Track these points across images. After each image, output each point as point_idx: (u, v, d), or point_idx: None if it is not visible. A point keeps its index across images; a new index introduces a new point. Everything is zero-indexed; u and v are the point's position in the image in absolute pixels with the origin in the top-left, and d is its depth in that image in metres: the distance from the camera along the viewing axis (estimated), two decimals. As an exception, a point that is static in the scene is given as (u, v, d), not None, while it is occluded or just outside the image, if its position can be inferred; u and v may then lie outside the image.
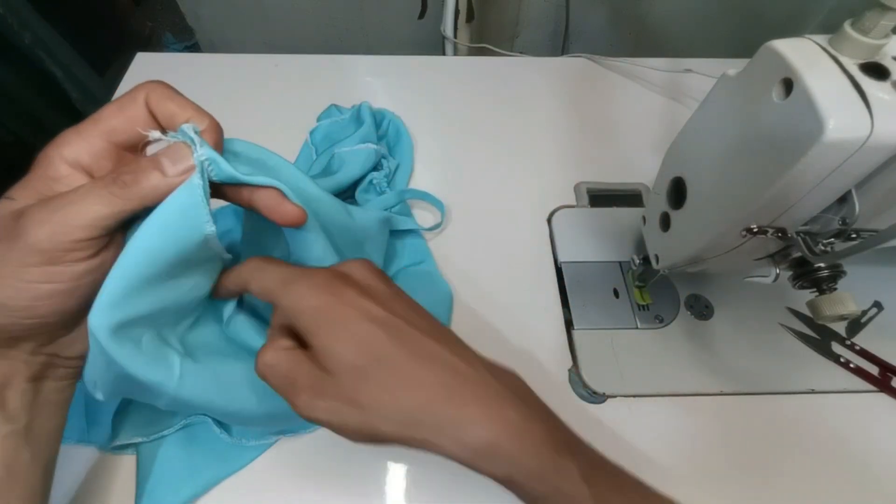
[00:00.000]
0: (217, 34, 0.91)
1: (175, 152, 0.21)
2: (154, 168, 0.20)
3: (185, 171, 0.21)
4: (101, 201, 0.20)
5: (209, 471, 0.31)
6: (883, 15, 0.20)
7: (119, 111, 0.21)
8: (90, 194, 0.20)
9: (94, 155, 0.21)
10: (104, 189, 0.20)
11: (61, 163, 0.20)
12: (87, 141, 0.21)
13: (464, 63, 0.58)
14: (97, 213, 0.20)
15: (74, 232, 0.19)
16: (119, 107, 0.21)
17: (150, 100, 0.21)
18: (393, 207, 0.42)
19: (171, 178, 0.20)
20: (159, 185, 0.20)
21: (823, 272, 0.26)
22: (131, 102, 0.21)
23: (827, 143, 0.19)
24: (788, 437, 0.34)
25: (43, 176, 0.20)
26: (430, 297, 0.38)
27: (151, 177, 0.20)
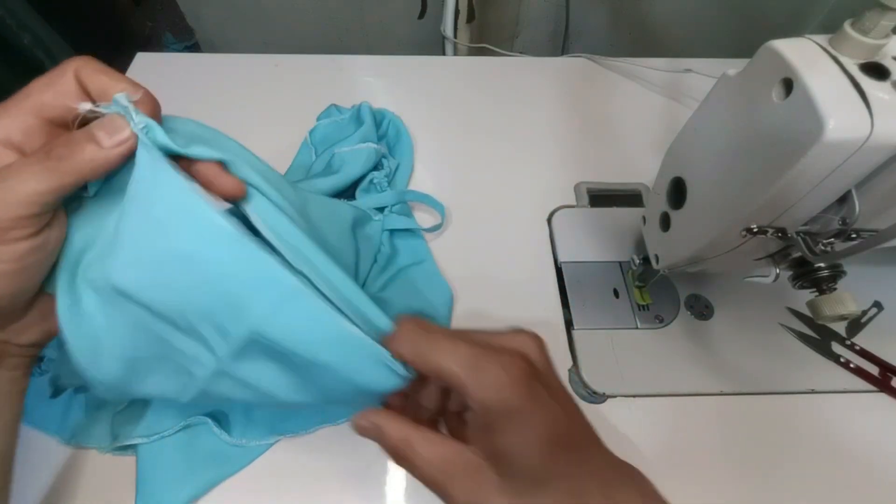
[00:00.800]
0: (217, 34, 0.91)
1: (109, 123, 0.20)
2: (88, 140, 0.20)
3: (121, 142, 0.20)
4: (37, 177, 0.19)
5: (209, 471, 0.31)
6: (883, 15, 0.20)
7: (47, 86, 0.20)
8: (24, 170, 0.19)
9: (25, 132, 0.20)
10: (38, 164, 0.19)
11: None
12: (16, 118, 0.20)
13: (464, 63, 0.58)
14: (34, 188, 0.19)
15: (12, 209, 0.19)
16: (47, 81, 0.20)
17: (81, 74, 0.20)
18: (393, 207, 0.42)
19: (108, 150, 0.20)
20: (96, 158, 0.20)
21: (823, 272, 0.26)
22: (60, 76, 0.20)
23: (827, 143, 0.19)
24: (788, 437, 0.34)
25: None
26: (430, 297, 0.38)
27: (86, 149, 0.19)
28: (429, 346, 0.22)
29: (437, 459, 0.22)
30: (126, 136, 0.20)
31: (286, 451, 0.33)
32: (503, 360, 0.21)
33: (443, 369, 0.21)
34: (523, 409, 0.21)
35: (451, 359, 0.21)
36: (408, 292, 0.38)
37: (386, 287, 0.38)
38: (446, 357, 0.21)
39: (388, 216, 0.41)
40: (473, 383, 0.21)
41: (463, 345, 0.22)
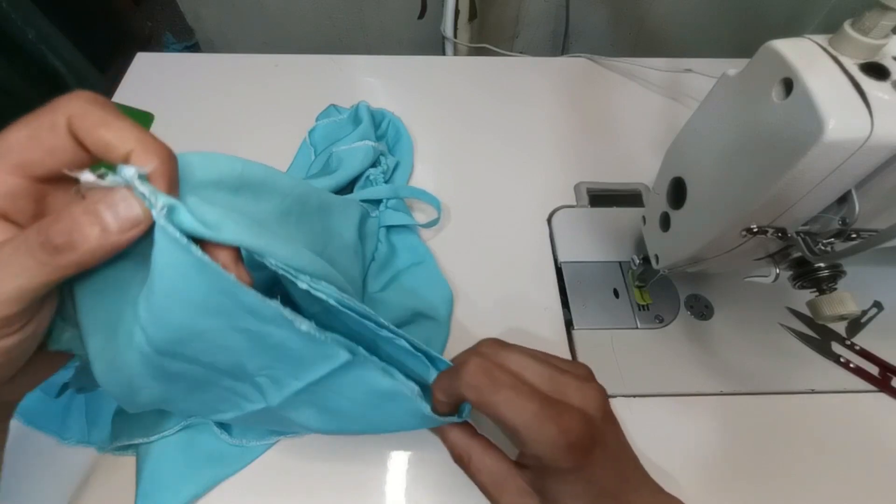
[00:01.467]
0: (217, 34, 0.91)
1: (118, 201, 0.16)
2: (92, 224, 0.16)
3: (133, 226, 0.16)
4: (28, 271, 0.16)
5: (209, 471, 0.31)
6: (883, 15, 0.20)
7: (33, 141, 0.16)
8: (13, 262, 0.16)
9: (8, 195, 0.17)
10: (30, 257, 0.16)
11: None
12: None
13: (464, 63, 0.58)
14: (24, 286, 0.16)
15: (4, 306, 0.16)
16: (31, 135, 0.16)
17: (76, 127, 0.16)
18: (388, 203, 0.41)
19: (115, 237, 0.16)
20: (102, 245, 0.16)
21: (823, 272, 0.26)
22: (49, 131, 0.16)
23: (827, 143, 0.19)
24: (788, 437, 0.34)
25: None
26: (430, 297, 0.38)
27: (89, 236, 0.16)
28: (493, 395, 0.22)
29: (493, 473, 0.24)
30: (139, 218, 0.16)
31: (285, 451, 0.33)
32: (563, 422, 0.22)
33: (505, 420, 0.22)
34: (575, 471, 0.22)
35: (514, 414, 0.22)
36: (408, 292, 0.38)
37: (387, 287, 0.38)
38: (509, 409, 0.22)
39: (385, 212, 0.41)
40: (533, 440, 0.22)
41: (525, 399, 0.22)
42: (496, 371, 0.23)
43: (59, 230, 0.16)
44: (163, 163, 0.17)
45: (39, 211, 0.18)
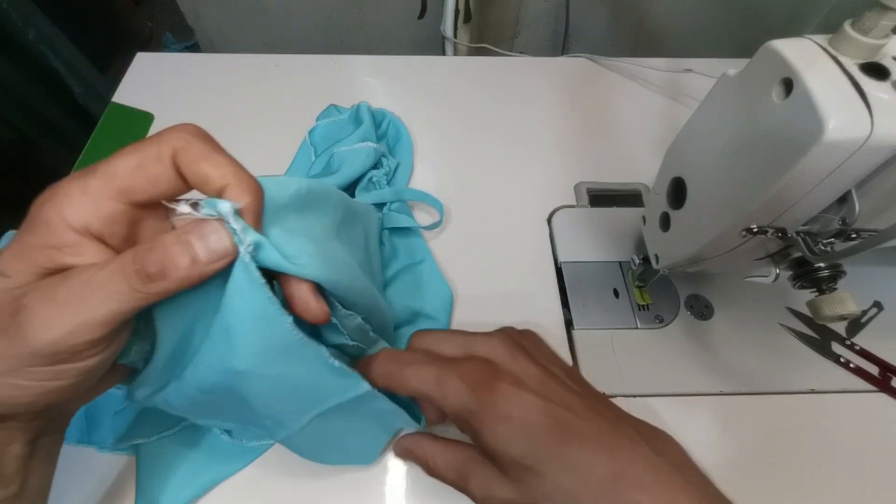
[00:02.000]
0: (217, 34, 0.91)
1: (208, 233, 0.17)
2: (184, 253, 0.17)
3: (221, 258, 0.17)
4: (121, 296, 0.16)
5: (210, 471, 0.31)
6: (883, 15, 0.20)
7: (139, 170, 0.17)
8: (106, 287, 0.16)
9: (106, 219, 0.17)
10: (124, 282, 0.16)
11: (65, 229, 0.17)
12: (98, 203, 0.17)
13: (464, 63, 0.58)
14: (115, 310, 0.16)
15: (87, 333, 0.16)
16: (139, 164, 0.17)
17: (179, 159, 0.17)
18: (392, 205, 0.41)
19: (202, 267, 0.17)
20: (190, 276, 0.17)
21: (823, 272, 0.26)
22: (156, 161, 0.17)
23: (827, 143, 0.19)
24: (788, 437, 0.34)
25: (42, 244, 0.17)
26: (430, 297, 0.38)
27: (180, 265, 0.17)
28: (400, 375, 0.24)
29: (453, 464, 0.25)
30: (227, 250, 0.17)
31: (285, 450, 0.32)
32: (461, 370, 0.23)
33: (416, 391, 0.24)
34: (488, 410, 0.22)
35: (419, 381, 0.24)
36: (408, 292, 0.38)
37: (387, 287, 0.38)
38: (414, 380, 0.24)
39: (388, 214, 0.41)
40: (441, 398, 0.23)
41: (427, 366, 0.24)
42: (402, 355, 0.25)
43: (153, 259, 0.17)
44: (254, 199, 0.18)
45: (131, 234, 0.18)
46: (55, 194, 0.17)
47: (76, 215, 0.17)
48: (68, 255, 0.17)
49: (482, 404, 0.22)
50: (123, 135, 0.48)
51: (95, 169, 0.17)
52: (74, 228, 0.17)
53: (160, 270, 0.17)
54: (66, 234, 0.17)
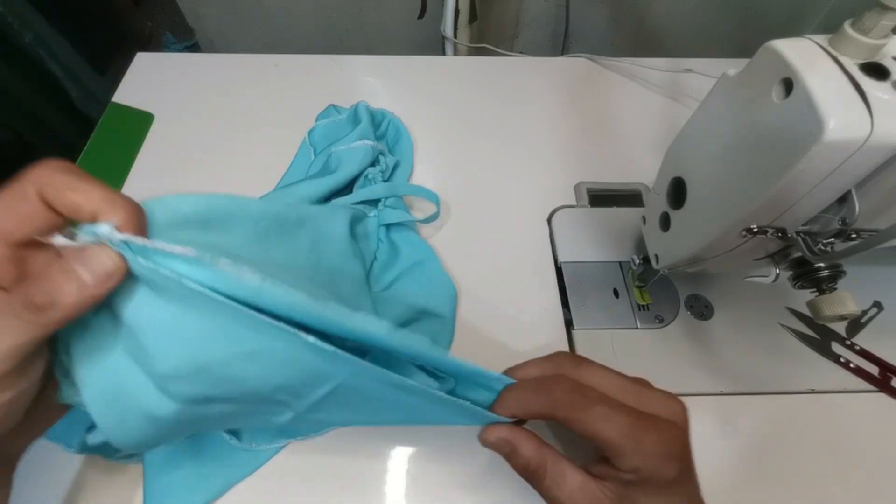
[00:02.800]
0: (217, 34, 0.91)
1: (90, 256, 0.17)
2: (69, 281, 0.17)
3: (107, 278, 0.17)
4: (15, 330, 0.17)
5: (219, 477, 0.31)
6: (883, 15, 0.20)
7: (8, 212, 0.17)
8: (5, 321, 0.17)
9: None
10: (15, 318, 0.17)
11: None
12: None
13: (464, 63, 0.58)
14: (11, 344, 0.17)
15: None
16: (6, 206, 0.17)
17: (45, 194, 0.17)
18: (387, 201, 0.41)
19: (92, 290, 0.17)
20: (81, 300, 0.17)
21: (823, 272, 0.26)
22: (21, 200, 0.17)
23: (827, 143, 0.19)
24: (788, 437, 0.34)
25: None
26: (434, 295, 0.38)
27: (68, 292, 0.17)
28: (587, 413, 0.23)
29: (570, 489, 0.23)
30: (112, 269, 0.17)
31: (286, 449, 0.32)
32: (661, 431, 0.22)
33: (600, 436, 0.22)
34: (675, 482, 0.22)
35: (609, 427, 0.22)
36: (412, 291, 0.38)
37: (391, 285, 0.38)
38: (605, 425, 0.22)
39: (383, 211, 0.41)
40: (633, 452, 0.22)
41: (621, 414, 0.22)
42: (584, 387, 0.23)
43: (39, 290, 0.17)
44: (128, 215, 0.18)
45: (21, 274, 0.18)
46: None
47: None
48: None
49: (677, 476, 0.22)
50: (123, 135, 0.48)
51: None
52: None
53: (48, 300, 0.17)
54: None
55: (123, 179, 0.44)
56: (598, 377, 0.24)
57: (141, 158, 0.46)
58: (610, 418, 0.22)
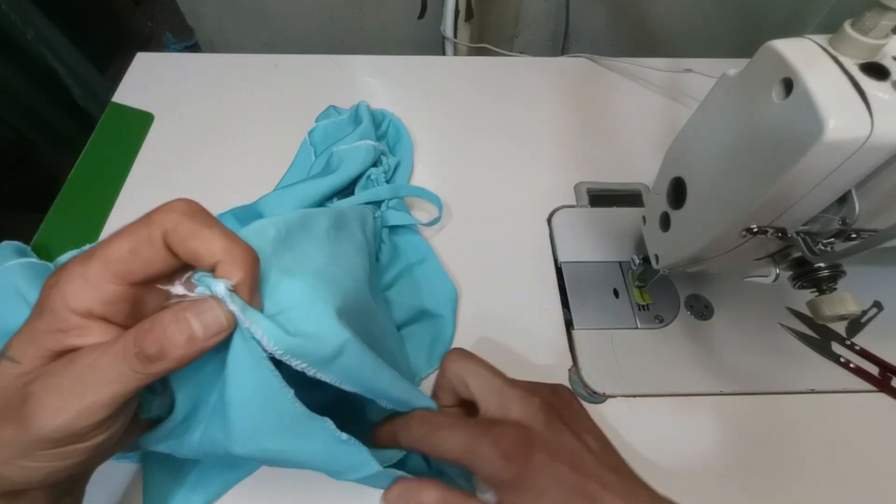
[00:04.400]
0: (217, 34, 0.91)
1: (203, 309, 0.18)
2: (182, 331, 0.17)
3: (217, 333, 0.18)
4: (122, 379, 0.17)
5: (220, 477, 0.31)
6: (883, 15, 0.20)
7: (132, 254, 0.18)
8: (108, 371, 0.17)
9: (106, 302, 0.18)
10: (125, 365, 0.17)
11: (70, 314, 0.18)
12: (98, 288, 0.18)
13: (464, 63, 0.58)
14: (117, 392, 0.17)
15: (91, 417, 0.17)
16: (132, 249, 0.18)
17: (170, 240, 0.18)
18: (390, 203, 0.41)
19: (200, 343, 0.18)
20: (188, 354, 0.18)
21: (823, 272, 0.26)
22: (147, 245, 0.18)
23: (827, 143, 0.19)
24: (788, 438, 0.34)
25: (49, 329, 0.18)
26: (434, 295, 0.38)
27: (178, 344, 0.17)
28: (432, 439, 0.24)
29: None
30: (223, 325, 0.18)
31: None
32: (495, 436, 0.23)
33: (448, 457, 0.23)
34: (517, 481, 0.22)
35: (452, 446, 0.23)
36: (412, 291, 0.38)
37: (391, 286, 0.38)
38: (447, 446, 0.23)
39: (386, 212, 0.41)
40: (473, 464, 0.23)
41: (460, 430, 0.23)
42: (433, 417, 0.25)
43: (151, 340, 0.17)
44: (247, 273, 0.18)
45: (135, 310, 0.19)
46: (59, 280, 0.18)
47: (78, 301, 0.18)
48: (75, 336, 0.18)
49: (516, 474, 0.22)
50: (123, 134, 0.48)
51: (93, 255, 0.18)
52: (78, 313, 0.18)
53: (159, 351, 0.17)
54: (70, 318, 0.18)
55: (123, 179, 0.44)
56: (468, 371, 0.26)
57: (141, 158, 0.46)
58: (449, 438, 0.23)
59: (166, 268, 0.19)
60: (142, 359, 0.17)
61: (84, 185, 0.45)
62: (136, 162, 0.46)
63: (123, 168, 0.45)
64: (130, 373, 0.17)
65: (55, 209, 0.43)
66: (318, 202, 0.40)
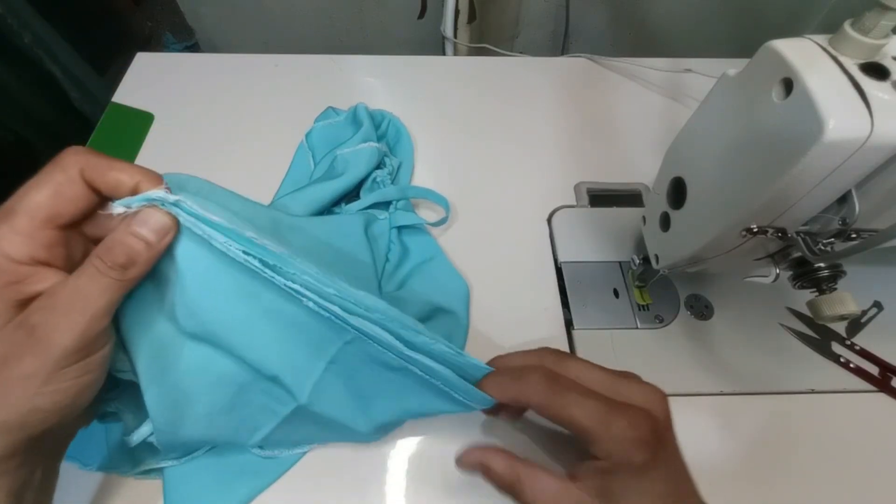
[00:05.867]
0: (217, 34, 0.91)
1: (150, 219, 0.20)
2: (138, 241, 0.20)
3: (165, 232, 0.21)
4: (110, 289, 0.20)
5: (242, 487, 0.30)
6: (883, 15, 0.20)
7: (57, 196, 0.20)
8: (97, 282, 0.20)
9: (46, 246, 0.20)
10: (105, 277, 0.20)
11: (16, 266, 0.20)
12: (34, 235, 0.20)
13: (464, 63, 0.58)
14: (109, 299, 0.20)
15: (98, 323, 0.20)
16: (55, 191, 0.20)
17: (89, 175, 0.20)
18: (398, 204, 0.41)
19: (156, 245, 0.21)
20: (150, 256, 0.21)
21: (823, 272, 0.26)
22: (67, 183, 0.20)
23: (827, 143, 0.19)
24: (788, 437, 0.34)
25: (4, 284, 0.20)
26: (447, 292, 0.38)
27: (139, 250, 0.20)
28: (560, 398, 0.24)
29: (548, 495, 0.24)
30: (169, 225, 0.21)
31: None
32: (631, 417, 0.23)
33: (574, 421, 0.23)
34: (645, 467, 0.22)
35: (582, 413, 0.23)
36: (425, 289, 0.38)
37: (403, 285, 0.38)
38: (577, 411, 0.23)
39: (394, 213, 0.41)
40: (603, 436, 0.22)
41: (592, 399, 0.23)
42: (559, 376, 0.24)
43: (118, 253, 0.20)
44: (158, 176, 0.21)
45: (69, 255, 0.21)
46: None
47: (19, 252, 0.20)
48: (31, 284, 0.20)
49: (646, 461, 0.22)
50: (123, 134, 0.48)
51: (13, 208, 0.20)
52: (24, 262, 0.20)
53: (128, 259, 0.20)
54: (19, 269, 0.20)
55: (123, 179, 0.44)
56: (577, 370, 0.25)
57: (141, 158, 0.46)
58: (581, 404, 0.23)
59: (88, 204, 0.21)
60: (117, 268, 0.20)
61: (84, 185, 0.45)
62: (136, 162, 0.46)
63: (123, 168, 0.45)
64: (114, 282, 0.20)
65: (55, 209, 0.43)
66: (326, 206, 0.40)
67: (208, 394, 0.26)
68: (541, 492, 0.24)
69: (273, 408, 0.27)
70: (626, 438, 0.22)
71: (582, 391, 0.24)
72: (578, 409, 0.23)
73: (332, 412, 0.27)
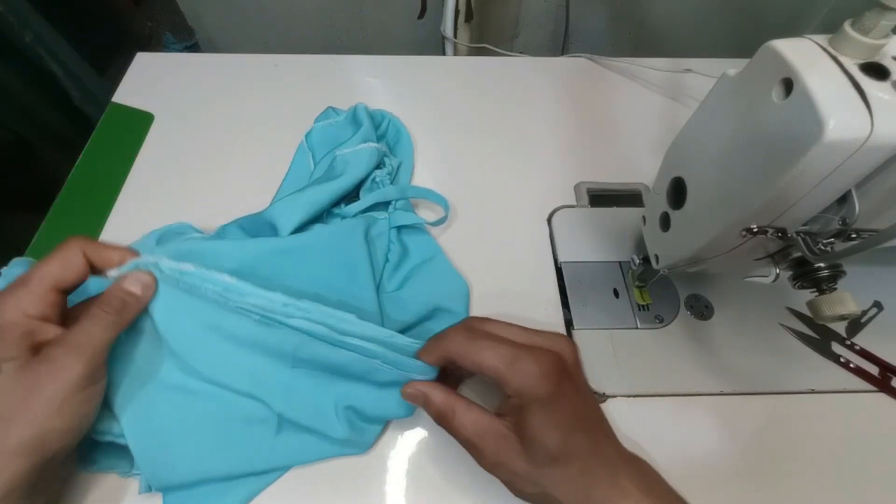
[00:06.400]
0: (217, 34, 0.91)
1: (135, 276, 0.27)
2: (129, 294, 0.27)
3: (148, 287, 0.27)
4: (110, 327, 0.26)
5: (242, 487, 0.30)
6: (883, 15, 0.20)
7: (66, 267, 0.26)
8: (99, 324, 0.26)
9: (50, 306, 0.26)
10: (108, 317, 0.26)
11: (30, 319, 0.25)
12: (44, 297, 0.26)
13: (464, 63, 0.58)
14: (109, 336, 0.26)
15: (100, 356, 0.26)
16: (62, 264, 0.26)
17: (89, 252, 0.27)
18: (397, 204, 0.41)
19: (142, 296, 0.27)
20: (139, 304, 0.27)
21: (823, 272, 0.26)
22: (75, 258, 0.27)
23: (827, 143, 0.19)
24: (788, 437, 0.34)
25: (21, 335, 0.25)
26: (447, 291, 0.38)
27: (131, 300, 0.27)
28: (475, 346, 0.27)
29: (474, 424, 0.26)
30: (150, 281, 0.27)
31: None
32: (537, 356, 0.26)
33: (485, 364, 0.26)
34: (550, 398, 0.25)
35: (493, 355, 0.26)
36: (424, 288, 0.38)
37: (403, 285, 0.38)
38: (489, 354, 0.26)
39: (394, 213, 0.41)
40: (510, 374, 0.25)
41: (503, 345, 0.26)
42: (477, 329, 0.28)
43: (115, 302, 0.26)
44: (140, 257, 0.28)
45: (62, 314, 0.27)
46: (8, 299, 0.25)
47: (34, 309, 0.25)
48: (39, 335, 0.25)
49: (549, 392, 0.25)
50: (123, 135, 0.48)
51: (30, 277, 0.26)
52: (36, 318, 0.25)
53: (122, 304, 0.27)
54: (31, 323, 0.25)
55: (123, 180, 0.44)
56: (495, 326, 0.29)
57: (141, 158, 0.46)
58: (492, 348, 0.26)
59: (84, 275, 0.27)
60: (113, 311, 0.26)
61: (84, 185, 0.45)
62: (135, 162, 0.46)
63: (123, 168, 0.45)
64: (112, 323, 0.26)
65: (55, 210, 0.43)
66: (326, 207, 0.40)
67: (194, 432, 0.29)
68: (470, 422, 0.26)
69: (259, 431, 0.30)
70: (530, 373, 0.25)
71: (495, 338, 0.27)
72: (490, 352, 0.26)
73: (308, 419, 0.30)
